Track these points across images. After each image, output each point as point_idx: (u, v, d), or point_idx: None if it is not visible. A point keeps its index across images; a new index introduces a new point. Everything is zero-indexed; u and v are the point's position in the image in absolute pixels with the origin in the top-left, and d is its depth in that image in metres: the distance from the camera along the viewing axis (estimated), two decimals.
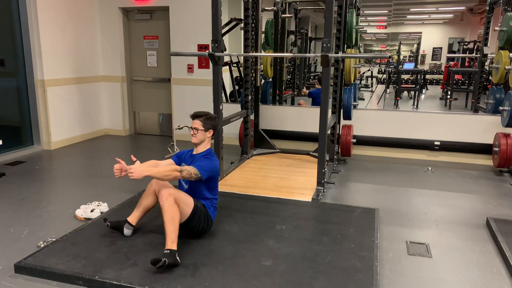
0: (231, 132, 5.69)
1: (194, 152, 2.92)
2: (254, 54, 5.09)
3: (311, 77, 9.97)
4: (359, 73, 6.80)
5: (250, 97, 5.01)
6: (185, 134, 5.46)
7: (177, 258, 2.43)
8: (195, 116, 2.87)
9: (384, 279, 2.47)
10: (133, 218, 2.86)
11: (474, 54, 8.62)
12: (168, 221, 2.49)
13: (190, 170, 2.64)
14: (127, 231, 2.84)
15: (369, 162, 5.17)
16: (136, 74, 6.60)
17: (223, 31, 5.28)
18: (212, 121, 2.89)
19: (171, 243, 2.46)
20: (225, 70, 6.48)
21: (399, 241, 2.98)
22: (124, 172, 2.57)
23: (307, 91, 6.90)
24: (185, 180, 2.80)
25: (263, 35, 5.67)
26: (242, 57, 5.55)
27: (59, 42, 5.63)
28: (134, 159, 2.69)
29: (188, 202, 2.67)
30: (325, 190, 3.94)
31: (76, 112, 6.03)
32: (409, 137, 5.27)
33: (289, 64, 7.34)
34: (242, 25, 5.09)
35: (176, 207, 2.54)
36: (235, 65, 6.78)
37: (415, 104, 8.31)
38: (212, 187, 2.87)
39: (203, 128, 2.84)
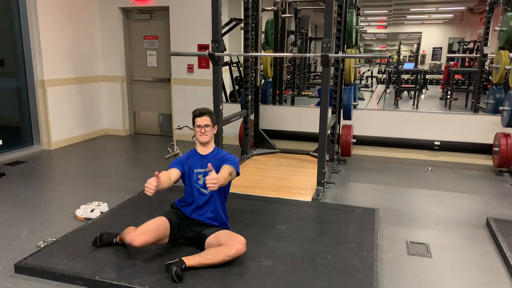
0: (231, 132, 5.69)
1: (204, 152, 2.70)
2: (254, 54, 5.09)
3: (311, 77, 9.98)
4: (359, 73, 6.81)
5: (250, 97, 5.01)
6: (185, 134, 5.48)
7: (176, 273, 2.30)
8: (202, 113, 2.66)
9: (384, 279, 2.47)
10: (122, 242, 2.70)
11: (474, 54, 8.62)
12: (211, 262, 2.39)
13: (233, 171, 2.54)
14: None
15: (369, 162, 5.17)
16: (136, 74, 6.60)
17: (223, 31, 5.28)
18: (214, 116, 2.78)
19: (191, 264, 2.36)
20: (225, 70, 6.48)
21: (399, 241, 2.98)
22: (157, 188, 2.31)
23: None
24: (205, 185, 2.51)
25: (263, 35, 5.67)
26: (242, 57, 5.55)
27: (59, 42, 5.63)
28: (210, 168, 2.38)
29: None
30: (325, 190, 3.94)
31: (76, 112, 6.03)
32: (409, 137, 5.26)
33: (289, 64, 7.34)
34: (242, 25, 5.09)
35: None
36: (235, 65, 6.78)
37: (415, 104, 8.31)
38: (230, 182, 2.72)
39: (212, 124, 2.70)
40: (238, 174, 2.65)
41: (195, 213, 2.68)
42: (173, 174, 2.57)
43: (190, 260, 2.38)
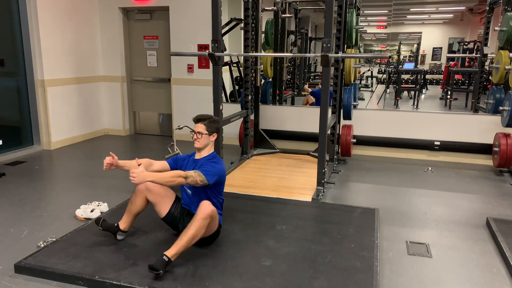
0: (231, 132, 5.69)
1: (197, 157, 2.80)
2: (254, 54, 5.09)
3: (311, 77, 9.98)
4: (359, 73, 6.81)
5: (250, 97, 5.01)
6: (185, 134, 5.47)
7: (166, 269, 2.35)
8: (198, 119, 2.75)
9: (384, 279, 2.47)
10: (125, 225, 2.76)
11: (474, 54, 8.62)
12: (189, 236, 2.38)
13: (195, 176, 2.52)
14: (120, 237, 2.79)
15: (369, 162, 5.17)
16: (136, 74, 6.60)
17: (223, 31, 5.28)
18: (216, 124, 2.77)
19: (175, 254, 2.36)
20: (225, 70, 6.48)
21: (399, 241, 2.98)
22: (113, 167, 2.61)
23: (310, 90, 6.92)
24: (190, 186, 2.71)
25: (263, 35, 5.67)
26: (242, 57, 5.55)
27: (59, 42, 5.63)
28: (139, 162, 2.56)
29: (217, 221, 2.61)
30: (325, 190, 3.94)
31: (76, 112, 6.03)
32: (409, 137, 5.26)
33: (289, 64, 7.34)
34: (242, 25, 5.09)
35: (205, 229, 2.45)
36: (235, 65, 6.78)
37: (415, 104, 8.31)
38: (219, 191, 2.77)
39: (207, 132, 2.73)
40: (207, 183, 2.58)
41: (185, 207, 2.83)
42: (158, 164, 2.79)
43: (171, 250, 2.37)
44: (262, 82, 5.73)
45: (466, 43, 9.17)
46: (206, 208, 2.46)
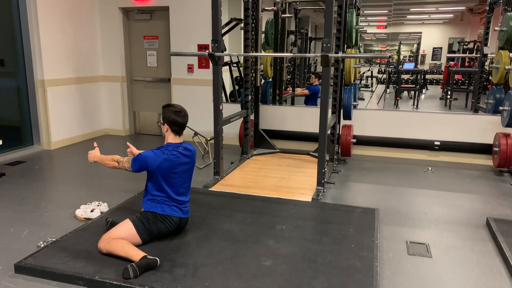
0: (231, 132, 5.69)
1: None
2: (254, 54, 5.08)
3: (311, 77, 9.98)
4: (359, 73, 6.80)
5: (250, 97, 5.01)
6: (185, 134, 5.45)
7: (149, 258, 2.38)
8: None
9: (384, 279, 2.47)
10: None
11: (474, 54, 8.62)
12: (121, 253, 2.46)
13: (124, 162, 2.68)
14: None
15: (369, 162, 5.17)
16: (136, 74, 6.60)
17: (223, 31, 5.28)
18: (165, 113, 2.70)
19: (135, 257, 2.40)
20: (225, 70, 6.48)
21: (399, 241, 2.98)
22: (131, 154, 2.94)
23: (305, 91, 6.93)
24: None
25: (263, 35, 5.67)
26: (242, 57, 5.55)
27: (59, 42, 5.63)
28: (95, 145, 2.95)
29: (124, 227, 2.63)
30: (325, 190, 3.94)
31: (76, 112, 6.03)
32: (409, 137, 5.27)
33: (289, 64, 7.34)
34: (242, 25, 5.09)
35: (114, 241, 2.52)
36: (235, 65, 6.78)
37: (415, 104, 8.31)
38: (151, 184, 2.72)
39: (161, 121, 2.77)
40: (132, 170, 2.68)
41: None
42: None
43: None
44: (262, 82, 5.73)
45: (466, 43, 9.17)
46: (99, 246, 2.59)
